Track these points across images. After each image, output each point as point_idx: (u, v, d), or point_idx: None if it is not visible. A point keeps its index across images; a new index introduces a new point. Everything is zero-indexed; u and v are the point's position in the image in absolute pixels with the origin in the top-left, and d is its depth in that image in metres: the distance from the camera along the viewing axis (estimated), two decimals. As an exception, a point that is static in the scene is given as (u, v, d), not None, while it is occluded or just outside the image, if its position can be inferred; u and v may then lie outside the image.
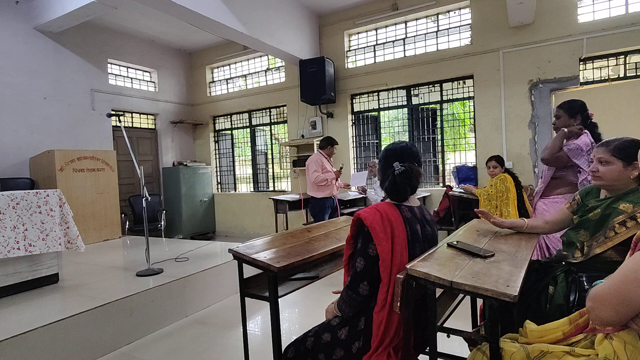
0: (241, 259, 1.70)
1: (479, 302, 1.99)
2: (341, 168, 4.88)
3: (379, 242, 1.34)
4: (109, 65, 6.48)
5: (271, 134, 7.36)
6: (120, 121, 3.57)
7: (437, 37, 5.59)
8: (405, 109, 5.99)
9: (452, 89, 5.59)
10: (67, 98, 5.75)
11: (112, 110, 6.30)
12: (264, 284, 1.87)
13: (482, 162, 5.13)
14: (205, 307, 3.43)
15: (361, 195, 5.68)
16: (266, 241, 1.96)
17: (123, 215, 5.78)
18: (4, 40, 5.06)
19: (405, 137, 6.09)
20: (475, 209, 2.08)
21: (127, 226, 5.89)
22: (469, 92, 5.48)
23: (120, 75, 6.78)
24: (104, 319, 2.64)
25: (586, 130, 2.62)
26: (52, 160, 4.82)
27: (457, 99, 5.63)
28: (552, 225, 1.96)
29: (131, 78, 6.97)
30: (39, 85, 5.41)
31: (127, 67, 6.92)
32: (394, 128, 6.27)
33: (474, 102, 5.39)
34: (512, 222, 1.93)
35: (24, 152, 5.18)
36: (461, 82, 5.52)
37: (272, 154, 7.41)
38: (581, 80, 4.71)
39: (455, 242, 1.59)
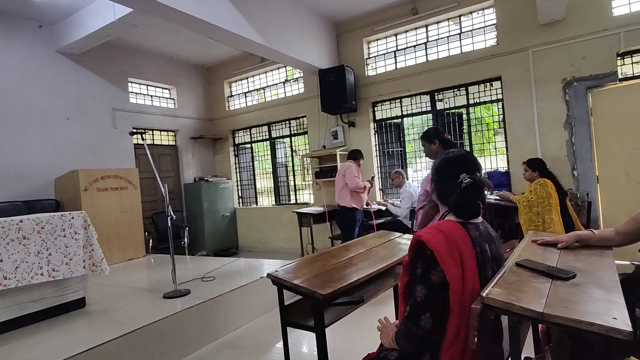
0: (281, 284, 1.55)
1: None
2: (372, 178, 4.70)
3: (447, 267, 1.16)
4: (129, 83, 6.53)
5: (291, 146, 7.25)
6: (143, 139, 3.51)
7: (460, 40, 5.40)
8: (430, 115, 5.79)
9: (479, 91, 5.37)
10: (89, 118, 5.79)
11: (133, 128, 6.30)
12: (305, 310, 1.70)
13: (515, 166, 4.89)
14: (235, 329, 3.28)
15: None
16: (304, 263, 1.80)
17: (146, 233, 5.73)
18: (28, 64, 5.13)
19: (430, 144, 5.86)
20: (533, 240, 1.79)
21: (150, 244, 5.83)
22: (497, 94, 5.25)
23: (140, 94, 6.82)
24: (134, 345, 2.52)
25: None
26: (76, 180, 4.81)
27: (484, 102, 5.41)
28: (625, 237, 1.73)
29: (151, 96, 7.00)
30: (61, 106, 5.46)
31: (147, 85, 6.97)
32: (419, 134, 6.06)
33: (502, 105, 5.16)
34: (579, 234, 1.71)
35: (48, 173, 5.21)
36: (488, 84, 5.30)
37: (292, 166, 7.30)
38: (620, 77, 4.43)
39: (525, 262, 1.40)
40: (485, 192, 1.32)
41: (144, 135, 3.47)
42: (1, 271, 2.60)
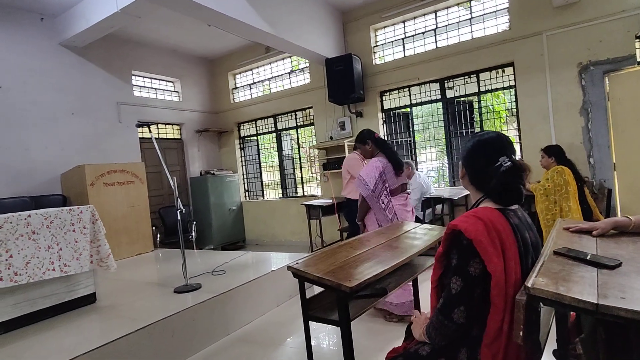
0: (304, 277, 1.47)
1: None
2: None
3: (489, 258, 1.07)
4: (133, 76, 6.44)
5: (298, 138, 7.16)
6: (150, 131, 3.44)
7: (471, 25, 5.26)
8: (440, 103, 5.67)
9: (491, 78, 5.24)
10: (94, 112, 5.72)
11: (138, 121, 6.23)
12: (327, 304, 1.63)
13: (528, 155, 4.78)
14: (247, 323, 3.22)
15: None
16: (325, 254, 1.72)
17: (154, 227, 5.68)
18: (30, 58, 5.05)
19: (441, 133, 5.77)
20: (565, 227, 1.70)
21: (158, 239, 5.79)
22: (509, 80, 5.12)
23: (144, 87, 6.74)
24: (146, 342, 2.47)
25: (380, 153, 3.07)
26: (82, 175, 4.75)
27: (496, 89, 5.28)
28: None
29: (155, 89, 6.92)
30: (66, 101, 5.39)
31: (151, 78, 6.88)
32: (428, 124, 5.95)
33: (515, 91, 5.03)
34: (616, 221, 1.61)
35: (54, 168, 5.15)
36: (500, 70, 5.17)
37: (299, 158, 7.21)
38: (638, 60, 4.29)
39: (564, 250, 1.31)
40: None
41: (151, 128, 3.39)
42: (12, 267, 2.55)
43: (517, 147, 5.15)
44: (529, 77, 4.82)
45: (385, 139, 6.06)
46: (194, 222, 6.03)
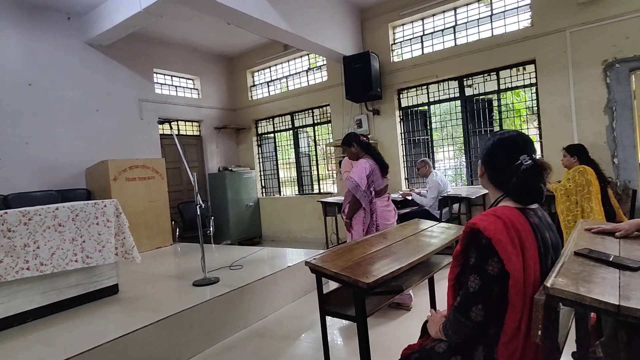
0: (321, 272, 1.49)
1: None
2: None
3: (508, 257, 1.07)
4: (154, 74, 6.58)
5: (314, 135, 7.19)
6: (171, 128, 3.53)
7: (491, 22, 5.17)
8: (458, 101, 5.60)
9: (511, 76, 5.15)
10: (117, 109, 5.88)
11: (159, 118, 6.37)
12: (344, 299, 1.65)
13: (549, 154, 4.68)
14: (263, 317, 3.28)
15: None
16: (342, 250, 1.75)
17: (173, 222, 5.81)
18: (58, 55, 5.23)
19: (459, 131, 5.70)
20: (587, 228, 1.68)
21: (177, 233, 5.91)
22: (530, 78, 5.02)
23: (165, 84, 6.88)
24: (166, 332, 2.54)
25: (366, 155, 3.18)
26: (106, 170, 4.90)
27: (516, 87, 5.18)
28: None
29: (175, 86, 7.05)
30: (91, 98, 5.56)
31: (172, 76, 7.02)
32: (446, 122, 5.88)
33: (536, 89, 4.93)
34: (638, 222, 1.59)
35: (80, 163, 5.33)
36: (521, 68, 5.07)
37: (316, 155, 7.24)
38: (667, 57, 4.15)
39: (585, 251, 1.30)
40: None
41: (172, 124, 3.47)
42: (38, 257, 2.66)
43: (537, 146, 5.05)
44: (551, 75, 4.71)
45: (404, 137, 6.03)
46: (212, 218, 6.13)
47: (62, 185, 5.10)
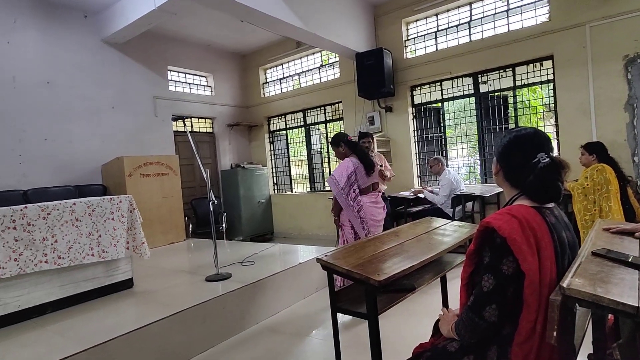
0: (332, 269, 1.49)
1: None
2: (371, 156, 4.33)
3: (523, 257, 1.05)
4: (168, 72, 6.65)
5: (326, 132, 7.18)
6: (185, 125, 3.57)
7: (507, 17, 5.07)
8: (472, 98, 5.52)
9: (527, 72, 5.04)
10: (132, 106, 5.97)
11: (173, 115, 6.45)
12: (356, 297, 1.65)
13: (566, 152, 4.58)
14: (274, 313, 3.30)
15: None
16: (354, 248, 1.74)
17: (186, 218, 5.88)
18: (75, 53, 5.33)
19: (473, 129, 5.62)
20: (605, 228, 1.63)
21: (190, 229, 5.99)
22: (547, 74, 4.91)
23: (179, 82, 6.95)
24: (179, 326, 2.58)
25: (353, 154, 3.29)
26: (121, 166, 4.99)
27: (532, 84, 5.08)
28: None
29: (189, 84, 7.12)
30: (107, 95, 5.66)
31: (185, 73, 7.09)
32: (459, 119, 5.81)
33: (554, 86, 4.82)
34: (660, 222, 1.54)
35: (96, 159, 5.43)
36: (538, 64, 4.96)
37: (328, 152, 7.23)
38: (692, 52, 4.01)
39: (603, 251, 1.26)
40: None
41: (186, 121, 3.51)
42: (56, 251, 2.73)
43: (554, 144, 4.95)
44: (569, 71, 4.61)
45: (417, 134, 5.98)
46: (225, 214, 6.19)
47: (79, 181, 5.21)
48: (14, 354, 2.15)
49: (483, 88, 5.41)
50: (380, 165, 4.35)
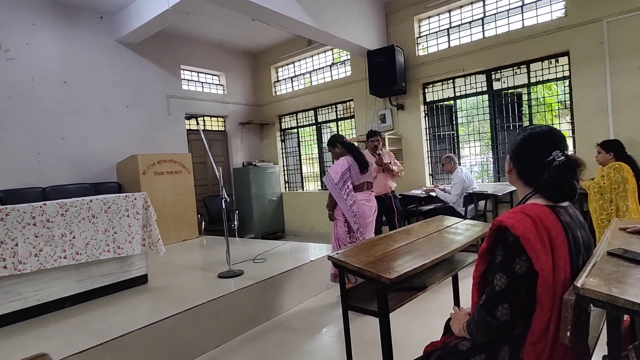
0: (344, 267, 1.50)
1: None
2: (379, 154, 4.32)
3: (537, 256, 1.04)
4: (181, 71, 6.73)
5: (338, 131, 7.17)
6: (197, 123, 3.61)
7: (522, 13, 4.99)
8: (486, 96, 5.45)
9: (542, 69, 4.96)
10: (146, 105, 6.06)
11: (186, 114, 6.53)
12: (367, 294, 1.66)
13: (582, 150, 4.50)
14: (286, 310, 3.33)
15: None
16: (365, 246, 1.75)
17: (199, 215, 5.95)
18: (91, 54, 5.44)
19: (486, 127, 5.56)
20: (622, 228, 1.60)
21: (203, 226, 6.06)
22: (562, 71, 4.82)
23: (192, 80, 7.02)
24: (193, 322, 2.62)
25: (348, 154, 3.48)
26: (135, 164, 5.07)
27: (548, 80, 4.99)
28: None
29: (202, 82, 7.19)
30: (121, 94, 5.76)
31: (198, 72, 7.16)
32: (472, 117, 5.74)
33: (569, 82, 4.73)
34: (679, 222, 1.51)
35: (111, 157, 5.54)
36: (553, 60, 4.88)
37: (339, 150, 7.22)
38: None
39: (619, 251, 1.25)
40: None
41: (199, 120, 3.56)
42: (74, 247, 2.80)
43: (570, 141, 4.86)
44: (585, 67, 4.51)
45: (429, 133, 5.94)
46: (237, 211, 6.25)
47: (95, 179, 5.32)
48: (35, 347, 2.22)
49: (496, 85, 5.34)
50: (389, 162, 4.35)
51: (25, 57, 4.86)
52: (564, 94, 4.94)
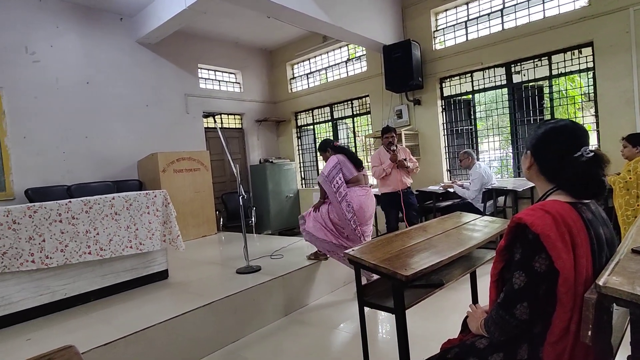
0: (360, 264, 1.51)
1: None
2: (394, 151, 4.30)
3: (557, 254, 1.02)
4: (199, 69, 6.83)
5: (354, 127, 7.15)
6: (215, 121, 3.66)
7: (543, 3, 4.85)
8: (505, 89, 5.34)
9: (564, 60, 4.82)
10: (165, 104, 6.18)
11: (204, 112, 6.62)
12: (383, 291, 1.66)
13: (607, 144, 4.36)
14: (303, 306, 3.36)
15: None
16: (381, 242, 1.75)
17: (217, 212, 6.05)
18: (112, 54, 5.58)
19: (505, 121, 5.44)
20: None
21: (221, 223, 6.16)
22: (586, 62, 4.67)
23: (209, 79, 7.12)
24: (212, 317, 2.68)
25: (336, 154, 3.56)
26: (155, 162, 5.19)
27: (570, 72, 4.85)
28: None
29: (219, 80, 7.28)
30: (141, 94, 5.89)
31: (215, 71, 7.25)
32: (491, 111, 5.63)
33: (593, 74, 4.58)
34: None
35: (132, 155, 5.68)
36: (576, 51, 4.73)
37: (355, 147, 7.21)
38: None
39: (645, 248, 1.21)
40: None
41: (216, 118, 3.61)
42: (98, 243, 2.89)
43: (594, 135, 4.71)
44: (610, 58, 4.36)
45: (446, 128, 5.85)
46: (254, 208, 6.31)
47: (116, 177, 5.47)
48: (62, 339, 2.31)
49: (516, 78, 5.21)
50: (404, 159, 4.32)
51: (50, 59, 5.02)
52: (588, 86, 4.79)
